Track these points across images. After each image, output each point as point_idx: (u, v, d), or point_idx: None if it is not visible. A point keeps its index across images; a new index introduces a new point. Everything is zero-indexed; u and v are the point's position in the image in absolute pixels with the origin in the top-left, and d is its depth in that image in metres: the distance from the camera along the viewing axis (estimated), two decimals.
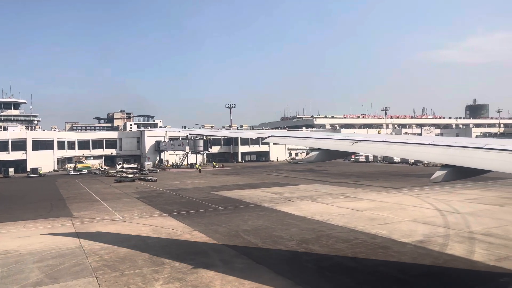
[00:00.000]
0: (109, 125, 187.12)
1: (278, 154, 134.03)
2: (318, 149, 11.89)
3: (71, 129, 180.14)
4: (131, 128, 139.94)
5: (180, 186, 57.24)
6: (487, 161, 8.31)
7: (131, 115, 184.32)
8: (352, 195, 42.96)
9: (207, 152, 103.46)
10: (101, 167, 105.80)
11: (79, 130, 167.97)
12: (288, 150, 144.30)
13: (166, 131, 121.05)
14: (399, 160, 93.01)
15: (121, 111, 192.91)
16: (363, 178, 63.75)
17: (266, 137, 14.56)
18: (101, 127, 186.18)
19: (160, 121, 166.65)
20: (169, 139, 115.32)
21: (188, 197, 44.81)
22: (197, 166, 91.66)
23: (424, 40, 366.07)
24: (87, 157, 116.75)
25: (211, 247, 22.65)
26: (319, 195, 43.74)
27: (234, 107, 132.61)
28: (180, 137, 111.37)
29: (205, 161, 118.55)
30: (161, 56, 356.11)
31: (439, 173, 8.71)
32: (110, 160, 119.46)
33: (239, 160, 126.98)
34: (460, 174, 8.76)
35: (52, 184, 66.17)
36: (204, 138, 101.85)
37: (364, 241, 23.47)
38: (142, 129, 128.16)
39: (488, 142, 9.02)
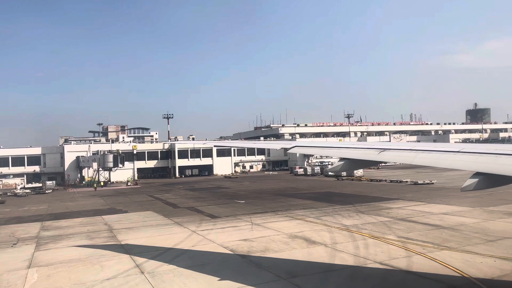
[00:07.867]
0: (104, 138, 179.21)
1: (223, 167, 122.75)
2: (343, 159, 11.22)
3: (65, 143, 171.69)
4: (123, 140, 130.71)
5: None
6: None
7: (126, 128, 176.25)
8: (120, 234, 31.68)
9: (118, 168, 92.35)
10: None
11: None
12: (241, 162, 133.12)
13: (89, 146, 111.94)
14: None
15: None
16: (234, 198, 52.36)
17: (291, 147, 13.95)
18: (95, 140, 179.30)
19: (156, 133, 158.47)
20: (92, 153, 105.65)
21: None
22: (95, 185, 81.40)
23: (435, 44, 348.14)
24: (5, 176, 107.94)
25: None
26: (99, 231, 32.89)
27: (172, 117, 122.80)
28: (99, 151, 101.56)
29: (136, 177, 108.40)
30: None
31: (470, 181, 8.08)
32: (38, 178, 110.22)
33: (177, 175, 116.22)
34: (493, 182, 8.21)
35: None
36: (115, 153, 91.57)
37: None
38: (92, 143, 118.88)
39: None
